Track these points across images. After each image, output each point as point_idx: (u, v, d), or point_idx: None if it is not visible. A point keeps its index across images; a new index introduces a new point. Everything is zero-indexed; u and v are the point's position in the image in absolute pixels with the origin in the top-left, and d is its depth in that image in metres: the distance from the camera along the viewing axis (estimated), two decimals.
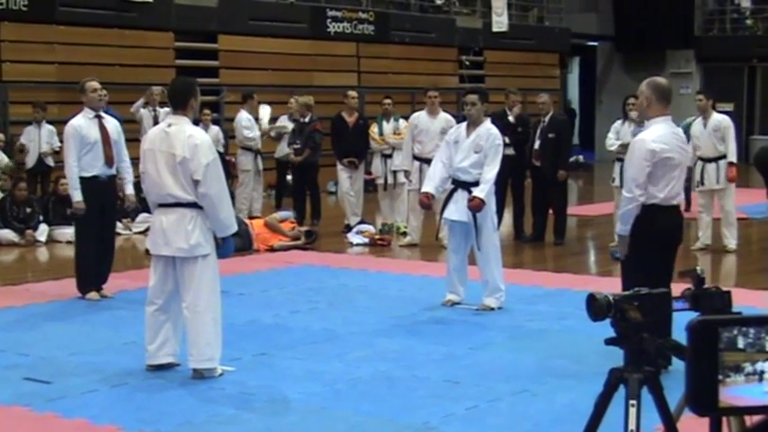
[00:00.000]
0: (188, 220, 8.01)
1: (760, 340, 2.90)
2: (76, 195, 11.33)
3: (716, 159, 14.60)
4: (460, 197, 10.64)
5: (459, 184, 10.71)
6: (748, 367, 2.89)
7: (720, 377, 2.87)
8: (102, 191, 11.47)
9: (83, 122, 11.49)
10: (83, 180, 11.36)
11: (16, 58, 19.39)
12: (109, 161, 11.55)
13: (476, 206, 10.43)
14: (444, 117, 15.51)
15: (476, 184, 10.53)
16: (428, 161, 15.13)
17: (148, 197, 8.34)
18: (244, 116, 18.29)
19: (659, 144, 7.75)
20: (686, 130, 13.04)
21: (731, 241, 14.74)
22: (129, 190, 12.32)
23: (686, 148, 8.32)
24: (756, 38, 34.36)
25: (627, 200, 7.87)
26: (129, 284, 12.23)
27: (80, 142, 11.35)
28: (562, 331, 9.76)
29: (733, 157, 14.53)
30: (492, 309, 10.67)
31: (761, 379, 2.92)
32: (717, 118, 14.71)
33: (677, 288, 4.28)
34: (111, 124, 11.79)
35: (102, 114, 11.73)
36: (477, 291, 10.84)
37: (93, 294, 11.40)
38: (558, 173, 15.34)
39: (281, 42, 23.77)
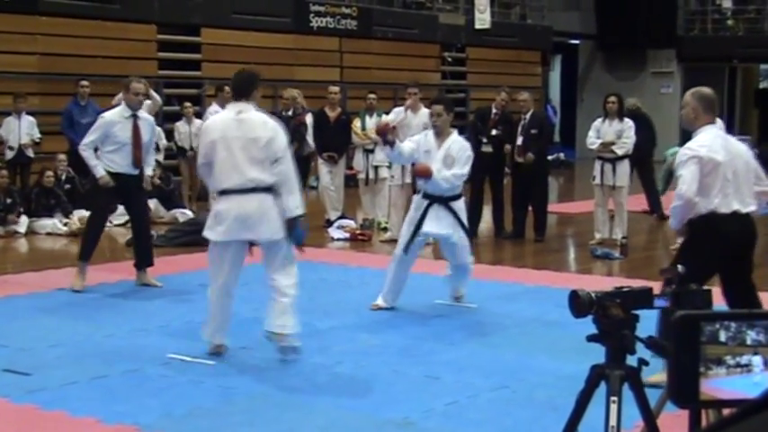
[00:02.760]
0: (270, 204, 8.29)
1: (741, 334, 2.96)
2: (99, 170, 11.38)
3: None
4: (439, 211, 10.44)
5: (435, 199, 10.45)
6: (729, 360, 2.96)
7: (702, 369, 2.93)
8: (123, 188, 11.57)
9: (117, 119, 11.50)
10: (107, 173, 11.46)
11: None
12: (136, 162, 11.59)
13: (420, 171, 10.44)
14: (425, 113, 15.52)
15: (453, 198, 10.49)
16: None
17: (217, 185, 8.37)
18: (212, 109, 18.23)
19: (705, 150, 7.59)
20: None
21: None
22: (149, 172, 12.29)
23: (738, 152, 7.99)
24: (737, 38, 34.50)
25: (678, 197, 7.61)
26: (108, 277, 12.21)
27: (106, 137, 11.41)
28: (542, 328, 9.79)
29: None
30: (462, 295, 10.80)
31: (745, 371, 2.98)
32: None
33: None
34: (147, 124, 11.78)
35: (139, 114, 11.67)
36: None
37: (77, 282, 11.44)
38: (527, 155, 15.30)
39: (263, 36, 23.73)
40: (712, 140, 7.68)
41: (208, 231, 8.40)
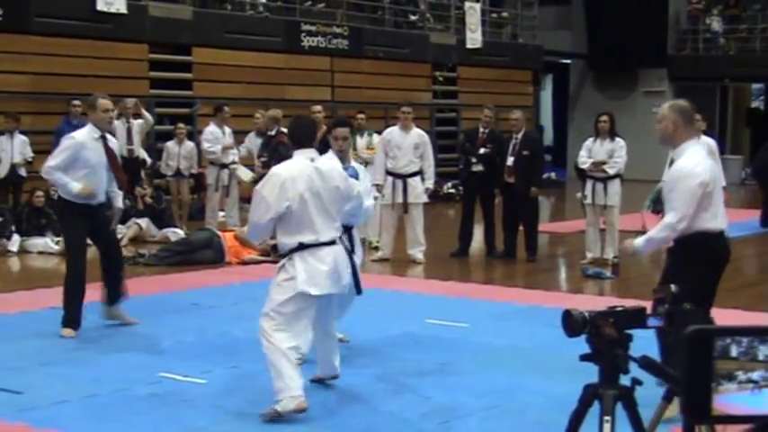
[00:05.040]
0: (344, 253, 7.86)
1: (753, 349, 2.97)
2: (74, 185, 10.15)
3: None
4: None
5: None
6: (741, 375, 2.96)
7: (713, 385, 2.93)
8: (92, 217, 10.43)
9: (87, 141, 10.35)
10: (73, 204, 10.32)
11: None
12: (120, 185, 10.85)
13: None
14: (417, 132, 15.58)
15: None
16: (401, 176, 15.23)
17: (301, 238, 7.51)
18: (209, 129, 18.28)
19: (705, 172, 7.43)
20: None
21: None
22: (119, 204, 10.95)
23: (717, 168, 7.96)
24: (729, 58, 34.62)
25: (669, 229, 7.40)
26: (98, 295, 12.17)
27: (74, 161, 10.24)
28: (533, 347, 9.78)
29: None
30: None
31: (756, 387, 2.99)
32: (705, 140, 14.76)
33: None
34: (116, 146, 10.86)
35: (108, 135, 10.66)
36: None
37: (68, 331, 10.24)
38: (531, 190, 15.38)
39: (255, 56, 23.76)
40: (704, 159, 7.58)
41: (304, 285, 7.46)
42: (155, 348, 9.65)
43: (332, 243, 7.62)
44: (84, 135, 10.42)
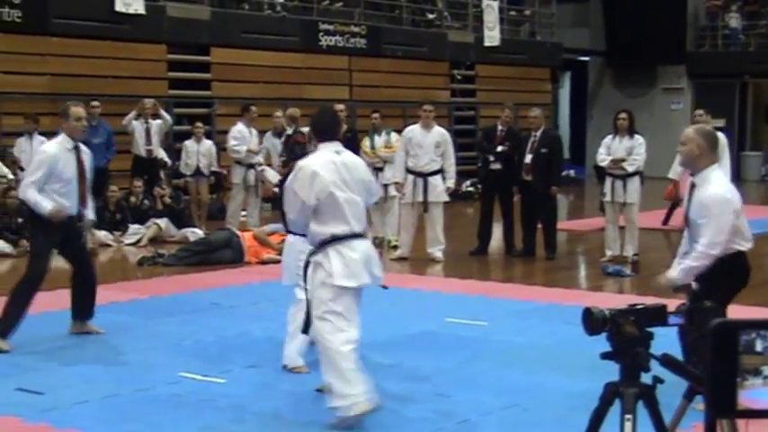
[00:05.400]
0: (372, 247, 7.71)
1: None
2: (46, 205, 9.66)
3: None
4: None
5: None
6: (766, 370, 2.94)
7: (738, 380, 2.91)
8: (66, 230, 10.01)
9: (60, 153, 9.85)
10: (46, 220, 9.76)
11: (9, 70, 19.38)
12: (82, 199, 10.06)
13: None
14: (438, 131, 15.56)
15: None
16: (422, 174, 15.20)
17: (334, 230, 7.31)
18: (237, 128, 18.30)
19: (736, 199, 7.52)
20: None
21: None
22: (91, 216, 10.57)
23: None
24: (748, 54, 34.47)
25: (705, 257, 7.37)
26: (119, 296, 12.23)
27: (51, 175, 9.74)
28: (552, 346, 9.76)
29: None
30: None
31: None
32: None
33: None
34: (88, 157, 10.23)
35: (81, 146, 10.11)
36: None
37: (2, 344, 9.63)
38: (551, 189, 15.36)
39: (273, 55, 23.78)
40: (730, 184, 7.65)
41: (343, 280, 7.27)
42: (174, 348, 9.66)
43: (361, 236, 7.49)
44: (54, 146, 9.92)
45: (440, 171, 15.44)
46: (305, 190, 7.29)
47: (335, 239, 7.31)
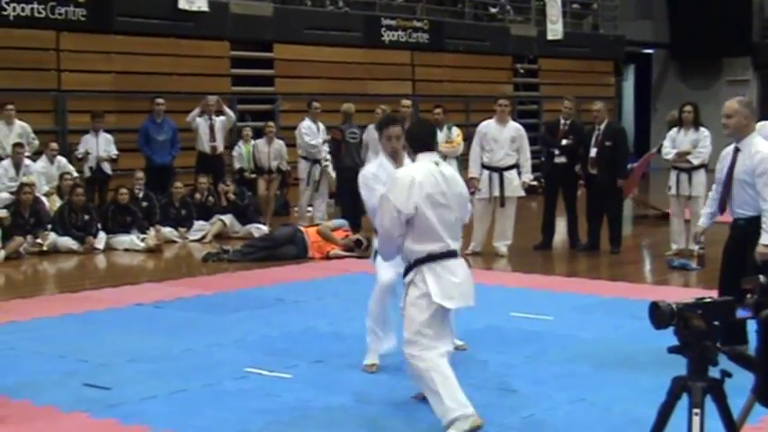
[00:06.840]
0: (467, 266, 7.37)
1: None
2: None
3: None
4: None
5: None
6: None
7: None
8: None
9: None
10: None
11: (75, 68, 19.56)
12: None
13: None
14: (513, 125, 15.49)
15: None
16: (497, 170, 15.14)
17: (426, 246, 6.98)
18: (305, 124, 18.42)
19: None
20: None
21: None
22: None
23: None
24: None
25: None
26: (185, 292, 12.32)
27: None
28: (619, 340, 9.71)
29: None
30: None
31: None
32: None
33: None
34: None
35: None
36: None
37: None
38: (617, 181, 15.26)
39: (335, 51, 23.84)
40: None
41: (442, 300, 6.98)
42: (240, 343, 9.71)
43: (456, 254, 7.14)
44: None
45: (515, 166, 15.39)
46: (402, 199, 6.89)
47: (431, 258, 7.01)
